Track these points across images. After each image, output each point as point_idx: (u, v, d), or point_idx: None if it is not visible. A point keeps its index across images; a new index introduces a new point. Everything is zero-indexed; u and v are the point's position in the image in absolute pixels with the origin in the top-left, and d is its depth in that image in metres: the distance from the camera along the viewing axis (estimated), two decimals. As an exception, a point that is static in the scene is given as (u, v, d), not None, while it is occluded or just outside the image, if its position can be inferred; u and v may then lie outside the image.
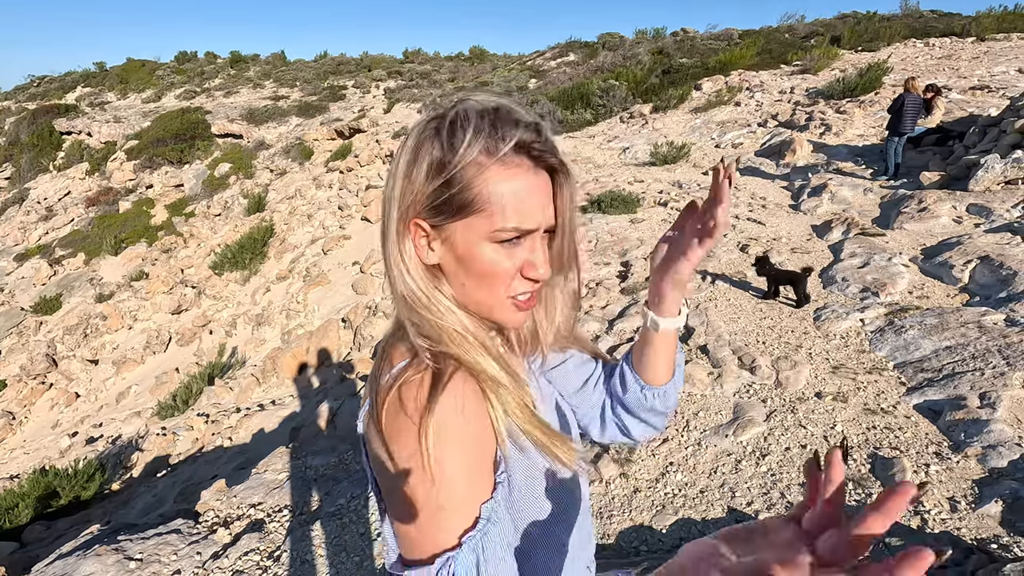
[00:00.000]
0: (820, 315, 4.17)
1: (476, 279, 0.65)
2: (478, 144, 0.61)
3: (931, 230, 5.56)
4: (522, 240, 0.65)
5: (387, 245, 0.67)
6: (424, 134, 0.64)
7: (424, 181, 0.63)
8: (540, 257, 0.66)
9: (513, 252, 0.65)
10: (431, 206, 0.63)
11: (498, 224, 0.62)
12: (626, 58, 18.41)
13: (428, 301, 0.65)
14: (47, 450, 7.73)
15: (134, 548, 2.73)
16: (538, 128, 0.64)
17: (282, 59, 30.12)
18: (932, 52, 14.12)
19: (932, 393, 3.06)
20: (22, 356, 10.99)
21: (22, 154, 21.73)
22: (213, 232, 13.58)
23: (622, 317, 4.63)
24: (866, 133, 9.57)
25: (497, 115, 0.63)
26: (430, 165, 0.62)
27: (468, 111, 0.63)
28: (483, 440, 0.61)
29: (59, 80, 30.27)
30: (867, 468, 2.62)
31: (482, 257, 0.64)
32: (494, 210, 0.62)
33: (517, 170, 0.62)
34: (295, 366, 6.95)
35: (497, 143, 0.61)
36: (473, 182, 0.61)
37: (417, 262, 0.66)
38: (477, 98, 0.65)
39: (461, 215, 0.63)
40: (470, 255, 0.64)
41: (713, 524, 2.47)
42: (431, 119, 0.65)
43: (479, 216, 0.62)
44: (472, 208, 0.62)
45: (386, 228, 0.66)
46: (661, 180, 8.96)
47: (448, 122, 0.62)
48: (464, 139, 0.61)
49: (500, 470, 0.63)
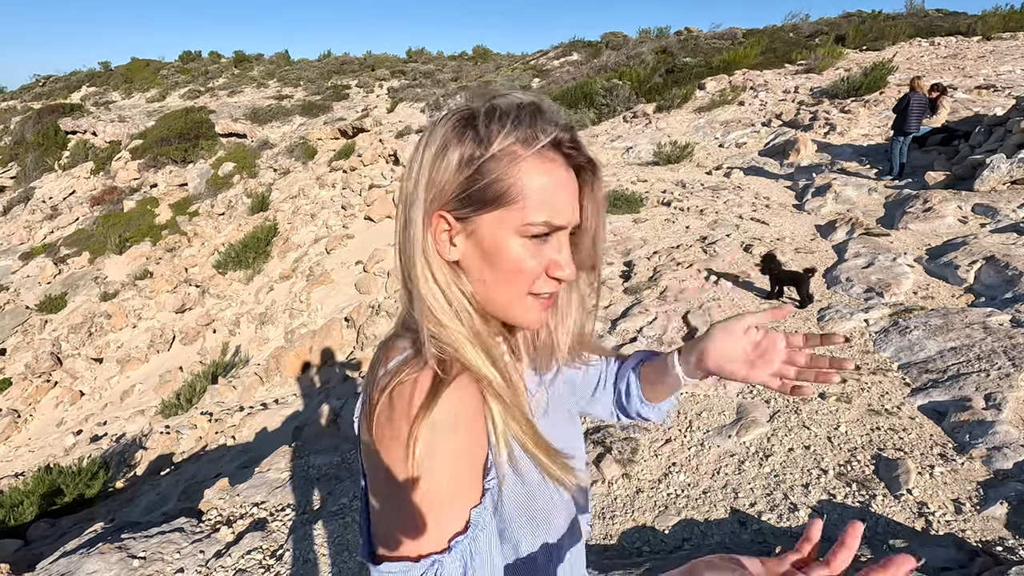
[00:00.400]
0: (824, 315, 4.15)
1: (501, 275, 0.63)
2: (515, 135, 0.60)
3: (936, 230, 5.53)
4: (550, 237, 0.64)
5: (408, 241, 0.64)
6: (453, 127, 0.62)
7: (454, 172, 0.61)
8: (566, 257, 0.65)
9: (540, 249, 0.63)
10: (458, 197, 0.61)
11: (529, 217, 0.61)
12: (630, 57, 18.38)
13: (445, 300, 0.63)
14: (52, 448, 7.77)
15: (137, 546, 2.74)
16: (572, 127, 0.64)
17: (286, 58, 30.20)
18: (937, 51, 14.05)
19: (937, 394, 3.04)
20: (27, 354, 11.04)
21: (27, 153, 21.84)
22: (217, 231, 13.61)
23: (625, 317, 4.62)
24: (871, 133, 9.53)
25: (537, 109, 0.62)
26: (461, 156, 0.61)
27: (505, 105, 0.62)
28: (475, 445, 0.60)
29: (64, 80, 30.41)
30: (871, 470, 2.60)
31: (509, 252, 0.62)
32: (526, 203, 0.60)
33: (551, 164, 0.62)
34: (298, 365, 6.96)
35: (537, 134, 0.61)
36: (506, 173, 0.60)
37: (439, 260, 0.64)
38: (513, 95, 0.64)
39: (491, 207, 0.61)
40: (496, 249, 0.62)
41: (716, 525, 2.46)
42: (459, 112, 0.63)
43: (510, 208, 0.61)
44: (503, 200, 0.60)
45: (408, 221, 0.64)
46: (664, 180, 8.94)
47: (483, 114, 0.61)
48: (501, 130, 0.60)
49: (490, 476, 0.62)
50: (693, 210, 7.16)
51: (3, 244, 17.21)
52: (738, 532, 2.41)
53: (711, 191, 7.97)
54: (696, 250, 5.77)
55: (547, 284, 0.65)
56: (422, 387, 0.58)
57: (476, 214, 0.62)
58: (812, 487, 2.56)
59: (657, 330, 4.31)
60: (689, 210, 7.18)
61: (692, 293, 4.78)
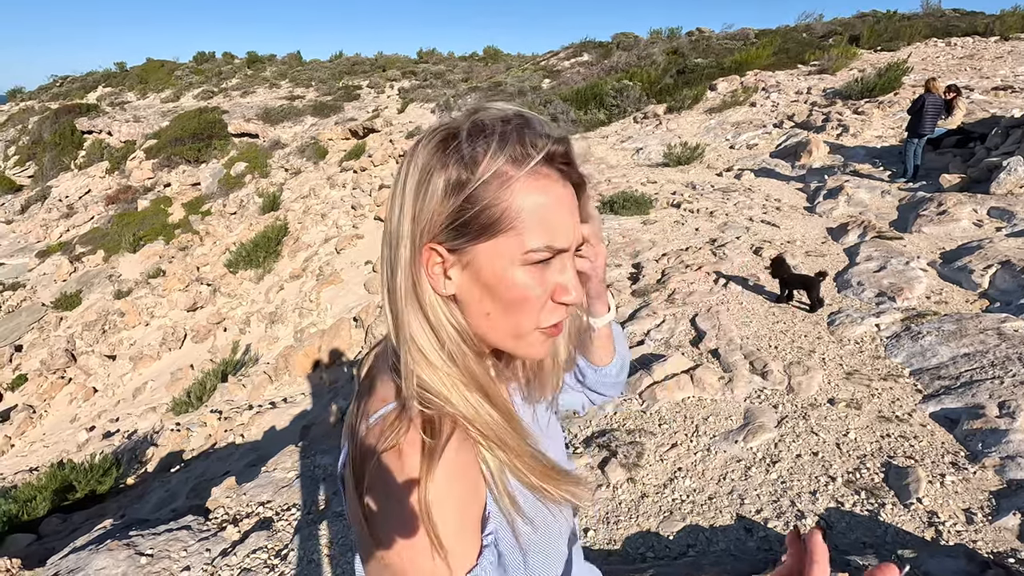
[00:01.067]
0: (834, 320, 4.10)
1: (504, 307, 0.58)
2: (504, 154, 0.55)
3: (951, 234, 5.45)
4: (553, 260, 0.59)
5: (395, 278, 0.59)
6: (434, 149, 0.57)
7: (440, 200, 0.56)
8: (571, 279, 0.60)
9: (543, 275, 0.58)
10: (449, 228, 0.56)
11: (529, 244, 0.56)
12: (640, 58, 18.31)
13: (437, 341, 0.59)
14: (65, 444, 7.88)
15: (145, 544, 2.77)
16: (566, 139, 0.60)
17: (298, 59, 30.43)
18: (954, 51, 13.84)
19: (949, 401, 3.00)
20: (43, 351, 11.22)
21: (45, 153, 22.20)
22: (228, 230, 13.75)
23: (632, 320, 4.60)
24: (884, 134, 9.41)
25: (524, 123, 0.57)
26: (447, 182, 0.55)
27: (489, 120, 0.57)
28: (471, 504, 0.57)
29: (81, 80, 30.89)
30: (880, 477, 2.57)
31: (513, 282, 0.57)
32: (524, 228, 0.56)
33: (546, 182, 0.57)
34: (307, 364, 7.01)
35: (528, 151, 0.55)
36: (499, 197, 0.55)
37: (432, 296, 0.59)
38: (495, 107, 0.59)
39: (486, 236, 0.56)
40: (497, 280, 0.57)
41: (721, 532, 2.44)
42: (440, 132, 0.58)
43: (507, 235, 0.56)
44: (499, 227, 0.55)
45: (393, 258, 0.59)
46: (675, 181, 8.89)
47: (466, 132, 0.56)
48: (488, 149, 0.54)
49: (488, 531, 0.58)
50: (703, 212, 7.11)
51: (20, 242, 17.50)
52: (744, 539, 2.38)
53: (721, 193, 7.91)
54: (705, 252, 5.73)
55: (554, 313, 0.61)
56: (415, 450, 0.54)
57: (470, 244, 0.57)
58: (820, 494, 2.52)
59: (665, 333, 4.28)
60: (699, 212, 7.13)
61: (701, 296, 4.74)
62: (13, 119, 26.25)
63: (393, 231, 0.59)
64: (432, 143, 0.57)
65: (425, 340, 0.59)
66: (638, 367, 3.77)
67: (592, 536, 2.53)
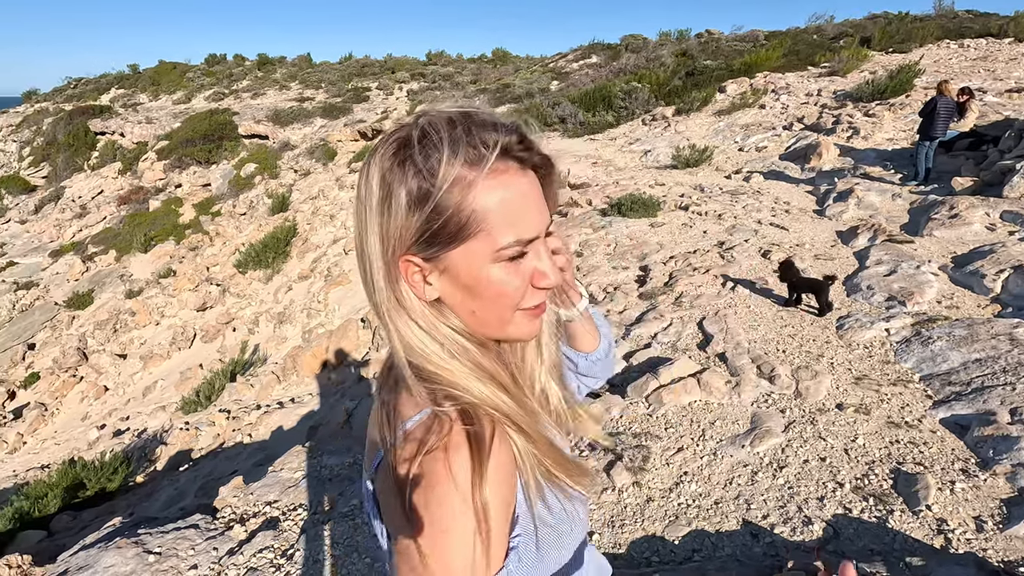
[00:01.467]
0: (843, 324, 4.07)
1: (487, 303, 0.60)
2: (459, 158, 0.54)
3: (962, 238, 5.39)
4: (526, 250, 0.60)
5: (377, 294, 0.60)
6: (390, 160, 0.57)
7: (406, 215, 0.56)
8: (547, 264, 0.61)
9: (519, 267, 0.59)
10: (420, 240, 0.57)
11: (500, 242, 0.57)
12: (649, 60, 18.28)
13: (436, 343, 0.60)
14: (76, 441, 7.97)
15: (153, 542, 2.79)
16: (517, 127, 0.59)
17: (308, 61, 30.65)
18: (967, 53, 13.71)
19: (960, 407, 2.96)
20: (55, 349, 11.36)
21: (59, 153, 22.50)
22: (238, 231, 13.86)
23: (640, 322, 4.59)
24: (896, 137, 9.33)
25: (471, 121, 0.56)
26: (408, 195, 0.55)
27: (435, 124, 0.56)
28: (510, 502, 0.57)
29: (94, 82, 31.29)
30: (889, 484, 2.54)
31: (490, 280, 0.58)
32: (491, 228, 0.56)
33: (506, 176, 0.57)
34: (315, 364, 7.04)
35: (480, 152, 0.55)
36: (463, 203, 0.55)
37: (418, 304, 0.60)
38: (440, 108, 0.58)
39: (456, 242, 0.57)
40: (475, 280, 0.59)
41: (727, 537, 2.42)
42: (392, 141, 0.58)
43: (478, 238, 0.56)
44: (468, 231, 0.56)
45: (371, 276, 0.60)
46: (683, 184, 8.86)
47: (416, 141, 0.56)
48: (442, 156, 0.54)
49: (515, 533, 0.58)
50: (711, 215, 7.08)
51: (34, 242, 17.74)
52: (750, 545, 2.37)
53: (730, 195, 7.88)
54: (713, 255, 5.70)
55: (534, 296, 0.62)
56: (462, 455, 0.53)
57: (443, 252, 0.58)
58: (827, 500, 2.50)
59: (672, 336, 4.27)
60: (707, 215, 7.10)
61: (708, 299, 4.72)
62: (28, 120, 26.62)
63: (365, 249, 0.60)
64: (387, 154, 0.57)
65: (425, 346, 0.60)
66: (645, 370, 3.76)
67: (597, 540, 2.53)
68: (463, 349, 0.61)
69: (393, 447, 0.58)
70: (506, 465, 0.57)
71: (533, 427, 0.62)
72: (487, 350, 0.65)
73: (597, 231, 7.07)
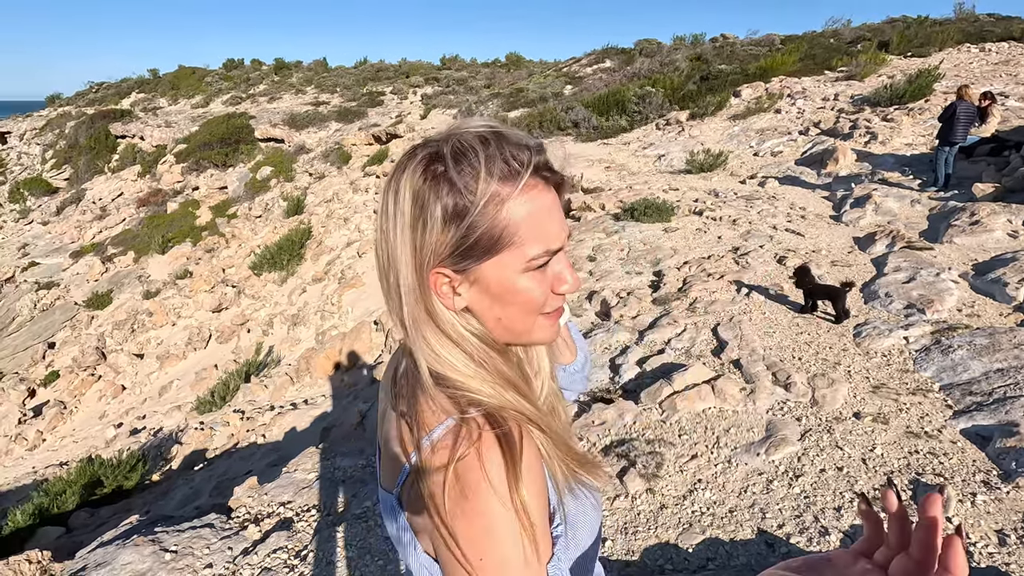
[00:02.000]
0: (860, 331, 4.02)
1: (514, 309, 0.63)
2: (495, 175, 0.57)
3: (984, 244, 5.30)
4: (551, 260, 0.64)
5: (405, 307, 0.62)
6: (422, 176, 0.59)
7: (441, 230, 0.58)
8: (567, 270, 0.65)
9: (544, 275, 0.64)
10: (453, 254, 0.59)
11: (530, 253, 0.60)
12: (663, 64, 18.23)
13: (464, 354, 0.62)
14: (94, 439, 8.10)
15: (169, 540, 2.83)
16: (541, 146, 0.62)
17: (324, 66, 30.98)
18: (988, 57, 13.50)
19: (981, 418, 2.91)
20: (74, 348, 11.56)
21: (80, 156, 22.95)
22: (254, 233, 14.02)
23: (653, 328, 4.56)
24: (914, 142, 9.21)
25: (502, 139, 0.59)
26: (444, 211, 0.58)
27: (468, 141, 0.59)
28: (545, 493, 0.60)
29: (116, 87, 31.91)
30: (908, 495, 2.50)
31: (519, 289, 0.62)
32: (522, 240, 0.60)
33: (534, 192, 0.60)
34: (328, 366, 7.09)
35: (515, 170, 0.58)
36: (497, 218, 0.58)
37: (448, 315, 0.62)
38: (471, 125, 0.61)
39: (490, 255, 0.60)
40: (505, 290, 0.62)
41: (741, 546, 2.40)
42: (421, 156, 0.60)
43: (509, 251, 0.60)
44: (501, 245, 0.59)
45: (399, 289, 0.61)
46: (697, 188, 8.81)
47: (451, 156, 0.58)
48: (478, 173, 0.57)
49: (556, 523, 0.62)
50: (725, 220, 7.03)
51: (56, 243, 18.09)
52: (765, 554, 2.34)
53: (744, 201, 7.82)
54: (728, 261, 5.66)
55: (555, 300, 0.66)
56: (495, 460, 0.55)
57: (476, 264, 0.60)
58: (845, 511, 2.47)
59: (685, 342, 4.24)
60: (721, 220, 7.05)
61: (722, 305, 4.68)
62: (51, 124, 27.20)
63: (393, 261, 0.61)
64: (418, 170, 0.59)
65: (452, 356, 0.62)
66: (658, 376, 3.74)
67: (610, 546, 2.52)
68: (489, 357, 0.64)
69: (420, 459, 0.58)
70: (536, 462, 0.59)
71: (553, 427, 0.65)
72: (507, 358, 0.67)
73: (610, 236, 7.05)
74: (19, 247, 18.15)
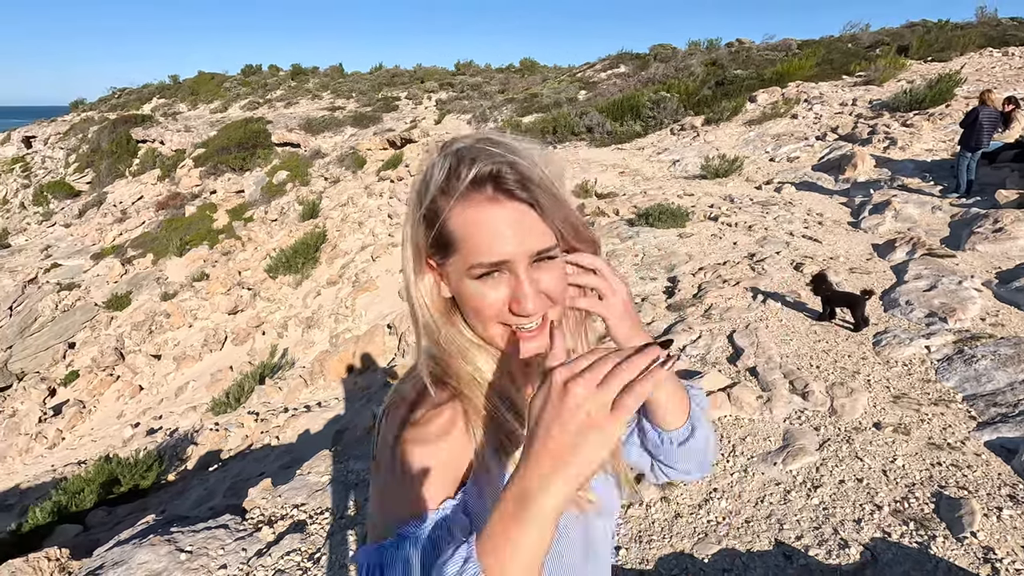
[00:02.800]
0: (880, 340, 3.95)
1: (468, 311, 0.68)
2: (439, 186, 0.63)
3: (1008, 252, 5.19)
4: (501, 273, 0.63)
5: (409, 285, 0.71)
6: (415, 185, 0.68)
7: (417, 226, 0.67)
8: (524, 290, 0.63)
9: (496, 285, 0.64)
10: (431, 247, 0.67)
11: (470, 260, 0.63)
12: (678, 70, 18.16)
13: (443, 335, 0.70)
14: (112, 439, 8.22)
15: (185, 540, 2.85)
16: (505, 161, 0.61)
17: (340, 71, 31.33)
18: (1011, 61, 13.25)
19: (1006, 430, 2.84)
20: (94, 349, 11.77)
21: (102, 160, 23.42)
22: (269, 236, 14.18)
23: (668, 334, 4.52)
24: (935, 148, 9.06)
25: (462, 152, 0.64)
26: (421, 213, 0.66)
27: (441, 151, 0.66)
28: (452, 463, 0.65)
29: (137, 92, 32.53)
30: (931, 508, 2.44)
31: (466, 293, 0.65)
32: (464, 246, 0.63)
33: (477, 202, 0.62)
34: (341, 369, 7.13)
35: (451, 181, 0.62)
36: (447, 222, 0.63)
37: (435, 298, 0.70)
38: (460, 136, 0.67)
39: (448, 254, 0.65)
40: (458, 292, 0.67)
41: (758, 557, 2.36)
42: (425, 164, 0.68)
43: (458, 254, 0.64)
44: (451, 247, 0.64)
45: (407, 268, 0.70)
46: (712, 194, 8.75)
47: (434, 165, 0.66)
48: (430, 182, 0.64)
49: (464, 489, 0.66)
50: (741, 226, 6.96)
51: (77, 245, 18.45)
52: (783, 566, 2.30)
53: (760, 206, 7.74)
54: (743, 267, 5.60)
55: (516, 319, 0.65)
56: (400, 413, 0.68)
57: (445, 260, 0.67)
58: (865, 523, 2.42)
59: (701, 349, 4.20)
60: (737, 226, 6.99)
61: (738, 312, 4.63)
62: (75, 129, 27.79)
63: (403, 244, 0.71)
64: (418, 175, 0.69)
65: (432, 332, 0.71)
66: (673, 383, 3.69)
67: (624, 555, 2.49)
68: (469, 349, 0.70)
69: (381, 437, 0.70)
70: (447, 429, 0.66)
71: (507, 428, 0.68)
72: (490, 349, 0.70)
73: (624, 241, 7.02)
74: (42, 249, 18.54)
